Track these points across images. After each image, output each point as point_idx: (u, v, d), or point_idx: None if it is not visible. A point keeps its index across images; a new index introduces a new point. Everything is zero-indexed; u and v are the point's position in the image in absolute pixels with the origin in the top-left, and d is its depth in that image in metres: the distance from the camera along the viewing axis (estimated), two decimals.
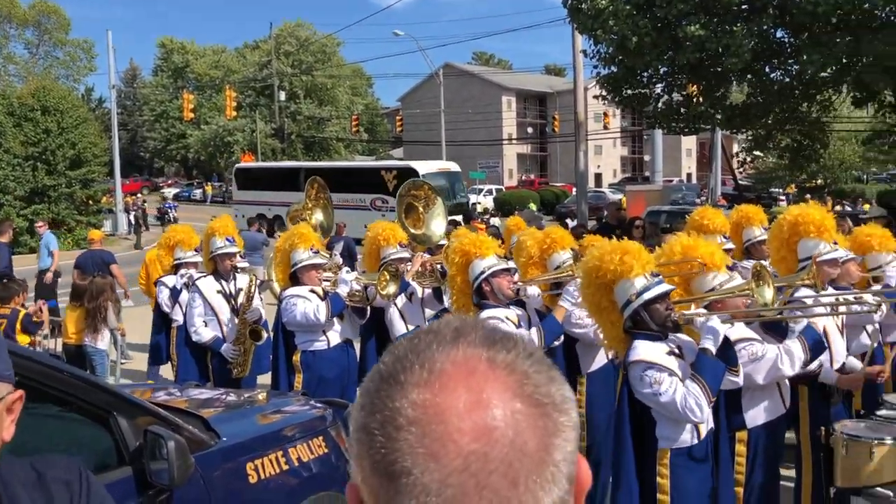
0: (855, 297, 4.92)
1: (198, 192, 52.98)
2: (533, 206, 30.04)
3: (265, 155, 54.13)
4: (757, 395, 4.12)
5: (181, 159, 67.27)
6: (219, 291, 6.43)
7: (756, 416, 4.14)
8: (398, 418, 0.73)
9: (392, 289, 5.82)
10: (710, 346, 3.56)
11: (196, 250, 7.06)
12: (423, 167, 26.91)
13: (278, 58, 57.51)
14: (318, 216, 7.55)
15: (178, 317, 6.78)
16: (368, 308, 6.07)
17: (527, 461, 0.72)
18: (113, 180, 33.71)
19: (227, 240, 6.50)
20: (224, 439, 3.06)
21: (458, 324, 0.80)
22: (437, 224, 7.53)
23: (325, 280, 5.93)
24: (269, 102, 56.56)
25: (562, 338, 5.00)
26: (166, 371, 7.57)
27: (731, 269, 5.48)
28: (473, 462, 0.70)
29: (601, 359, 5.26)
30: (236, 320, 6.40)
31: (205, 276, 6.53)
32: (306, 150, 58.31)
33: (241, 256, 7.34)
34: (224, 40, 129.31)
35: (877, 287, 5.46)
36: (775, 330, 4.20)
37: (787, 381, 4.28)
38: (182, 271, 6.89)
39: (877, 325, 5.28)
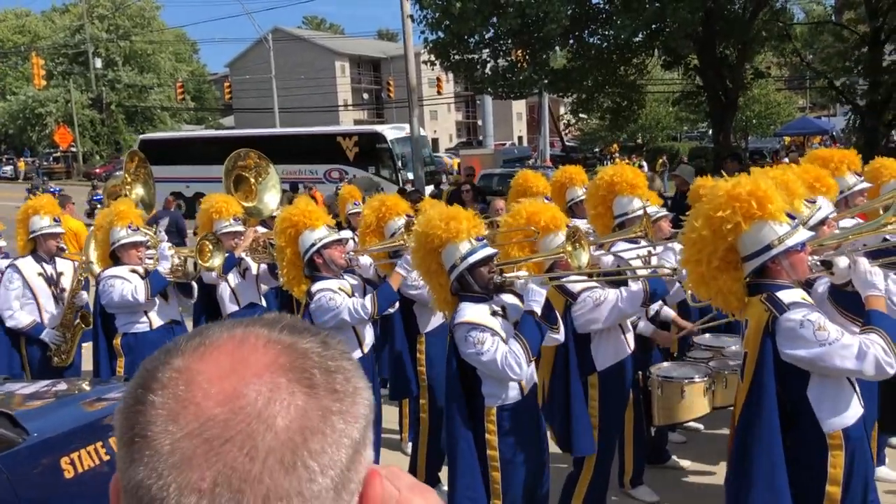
0: (663, 250, 5.29)
1: (8, 169, 48.61)
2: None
3: (83, 126, 50.45)
4: (603, 341, 4.37)
5: None
6: (39, 274, 5.97)
7: (604, 360, 4.39)
8: (152, 383, 0.68)
9: (217, 260, 5.61)
10: (537, 308, 3.71)
11: None
12: (391, 132, 23.94)
13: (92, 22, 53.43)
14: (139, 191, 7.18)
15: None
16: (195, 286, 5.85)
17: (270, 437, 0.65)
18: None
19: (55, 220, 6.05)
20: (34, 435, 2.88)
21: (277, 316, 0.76)
22: (270, 196, 7.33)
23: (148, 258, 5.66)
24: (85, 70, 52.54)
25: (397, 303, 5.06)
26: None
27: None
28: (211, 427, 0.65)
29: (438, 318, 5.35)
30: (55, 305, 5.99)
31: (23, 257, 6.02)
32: (128, 121, 54.82)
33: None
34: (27, 3, 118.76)
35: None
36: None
37: (629, 323, 4.55)
38: None
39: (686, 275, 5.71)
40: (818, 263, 3.36)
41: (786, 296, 3.17)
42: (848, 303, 3.28)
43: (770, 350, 3.13)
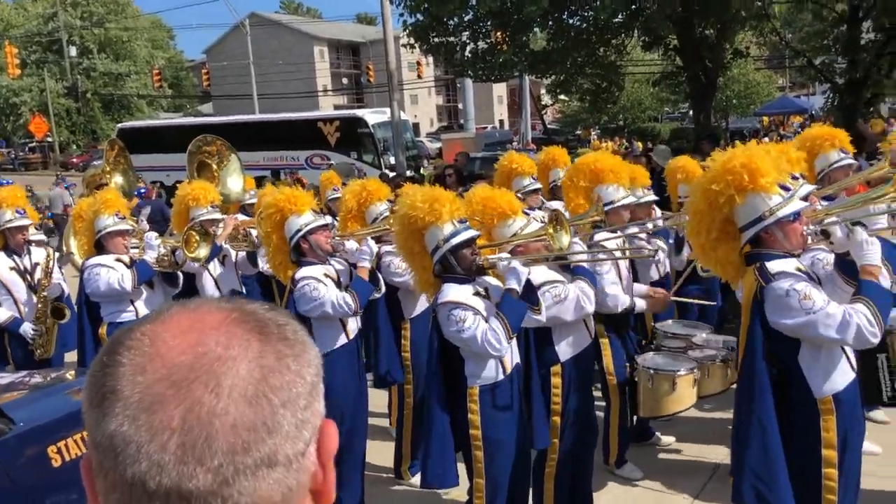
0: (641, 237, 5.32)
1: None
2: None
3: (59, 115, 49.84)
4: (565, 331, 4.38)
5: None
6: (12, 268, 5.93)
7: (566, 350, 4.40)
8: (118, 347, 0.74)
9: (203, 252, 5.57)
10: (515, 286, 3.75)
11: None
12: (373, 117, 23.30)
13: (65, 9, 52.63)
14: (118, 180, 7.13)
15: None
16: (180, 275, 5.82)
17: (232, 374, 0.71)
18: None
19: (18, 212, 5.97)
20: (21, 425, 2.88)
21: (224, 297, 0.82)
22: (233, 181, 7.30)
23: (132, 248, 5.62)
24: (59, 59, 51.79)
25: (383, 287, 5.06)
26: None
27: (538, 209, 5.74)
28: (176, 372, 0.70)
29: (422, 304, 5.37)
30: (34, 298, 5.95)
31: None
32: (105, 109, 54.15)
33: (36, 228, 6.80)
34: None
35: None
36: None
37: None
38: None
39: (662, 258, 5.76)
40: (817, 233, 3.40)
41: (775, 265, 3.22)
42: (853, 271, 3.34)
43: (759, 319, 3.20)
